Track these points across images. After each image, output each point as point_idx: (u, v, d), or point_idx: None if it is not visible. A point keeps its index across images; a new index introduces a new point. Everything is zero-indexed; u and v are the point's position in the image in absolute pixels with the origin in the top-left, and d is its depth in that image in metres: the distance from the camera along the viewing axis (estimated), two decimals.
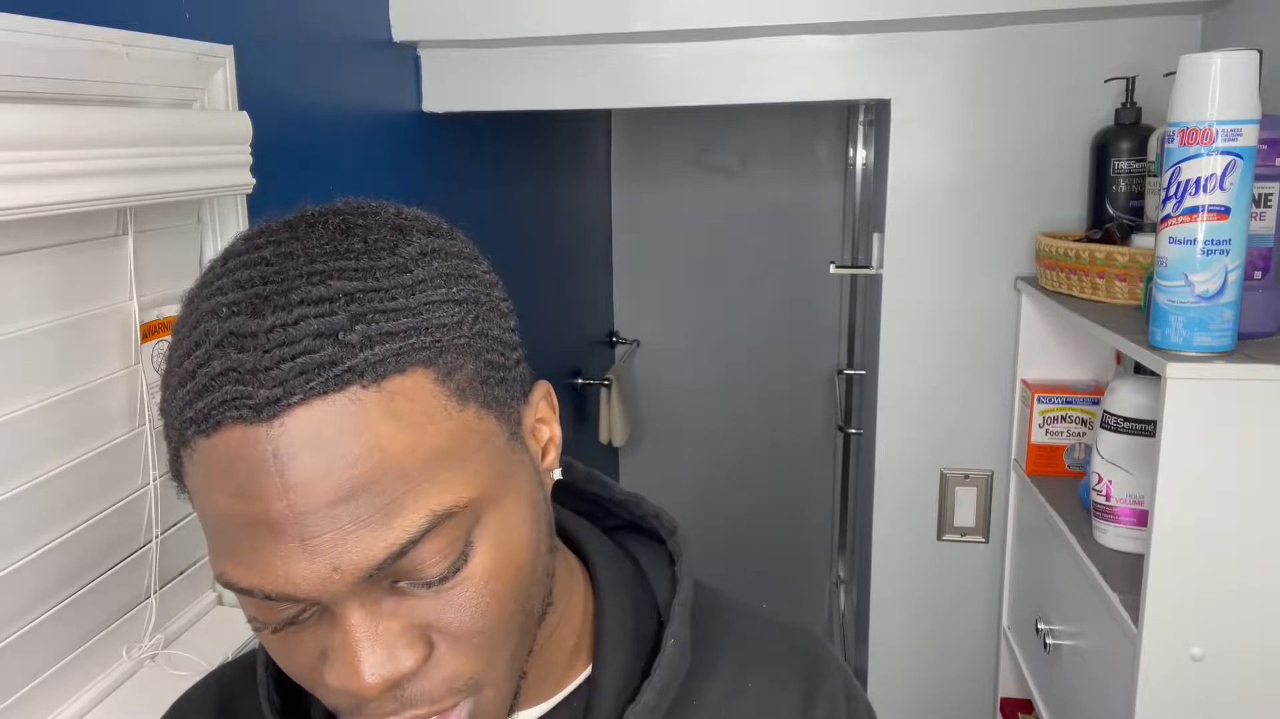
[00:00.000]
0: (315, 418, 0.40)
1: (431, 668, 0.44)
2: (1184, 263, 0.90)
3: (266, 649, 0.46)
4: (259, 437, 0.40)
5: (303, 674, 0.45)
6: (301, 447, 0.40)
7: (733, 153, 3.09)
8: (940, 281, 1.56)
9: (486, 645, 0.45)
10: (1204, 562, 0.94)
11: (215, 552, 0.43)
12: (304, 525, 0.40)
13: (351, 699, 0.44)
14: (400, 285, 0.43)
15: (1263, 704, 0.95)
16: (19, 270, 0.84)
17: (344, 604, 0.42)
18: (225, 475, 0.40)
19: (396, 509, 0.41)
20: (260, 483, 0.40)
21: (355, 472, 0.40)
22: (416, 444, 0.41)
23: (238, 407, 0.40)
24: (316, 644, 0.44)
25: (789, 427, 3.19)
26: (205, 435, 0.41)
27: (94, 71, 0.86)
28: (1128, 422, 1.11)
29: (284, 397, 0.40)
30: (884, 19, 1.40)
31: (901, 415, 1.61)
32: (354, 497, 0.40)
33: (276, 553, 0.40)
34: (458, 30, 1.50)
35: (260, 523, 0.40)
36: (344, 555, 0.40)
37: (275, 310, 0.41)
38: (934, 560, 1.65)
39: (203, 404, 0.41)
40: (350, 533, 0.40)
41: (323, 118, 1.31)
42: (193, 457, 0.42)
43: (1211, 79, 0.86)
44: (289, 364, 0.40)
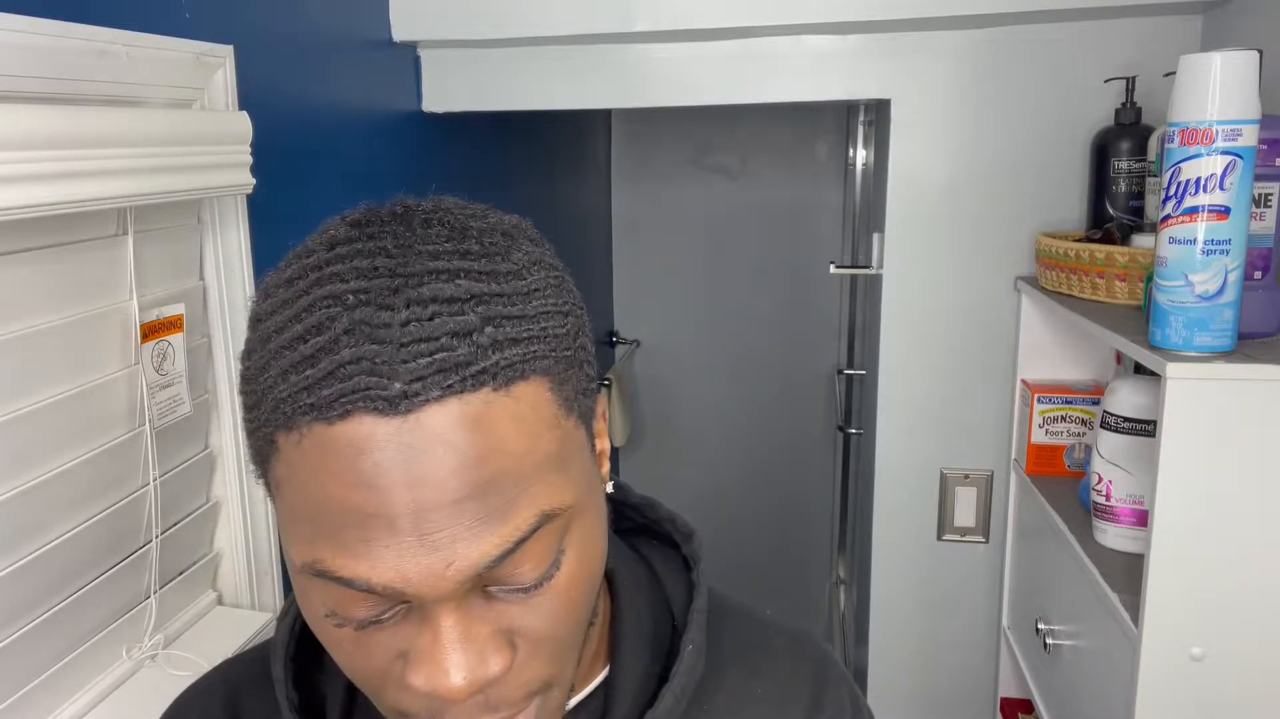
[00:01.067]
0: (449, 416, 0.40)
1: (513, 673, 0.44)
2: (1184, 263, 0.90)
3: (335, 649, 0.45)
4: (390, 429, 0.39)
5: (372, 676, 0.45)
6: (433, 443, 0.40)
7: (733, 153, 3.09)
8: (940, 281, 1.56)
9: (561, 650, 0.46)
10: (1204, 562, 0.94)
11: (310, 539, 0.42)
12: (425, 521, 0.40)
13: (434, 702, 0.43)
14: (518, 293, 0.43)
15: (1263, 704, 0.95)
16: (19, 270, 0.84)
17: (441, 605, 0.42)
18: (345, 464, 0.40)
19: (511, 509, 0.41)
20: (386, 475, 0.39)
21: (481, 472, 0.40)
22: (532, 448, 0.42)
23: (371, 398, 0.39)
24: (396, 645, 0.43)
25: (789, 427, 3.19)
26: (328, 422, 0.40)
27: (94, 71, 0.86)
28: (1128, 422, 1.11)
29: (421, 392, 0.39)
30: (884, 19, 1.40)
31: (901, 415, 1.61)
32: (476, 495, 0.40)
33: (390, 546, 0.40)
34: (458, 30, 1.50)
35: (379, 515, 0.40)
36: (459, 552, 0.40)
37: (409, 305, 0.41)
38: (934, 560, 1.65)
39: (329, 391, 0.40)
40: (468, 530, 0.40)
41: (323, 118, 1.31)
42: (301, 442, 0.41)
43: (1211, 79, 0.86)
44: (426, 360, 0.40)
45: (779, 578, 3.24)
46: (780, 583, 3.24)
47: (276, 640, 0.57)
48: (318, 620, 0.44)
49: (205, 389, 1.09)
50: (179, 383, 1.01)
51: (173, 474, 1.03)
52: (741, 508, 3.23)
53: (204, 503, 1.11)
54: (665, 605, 0.60)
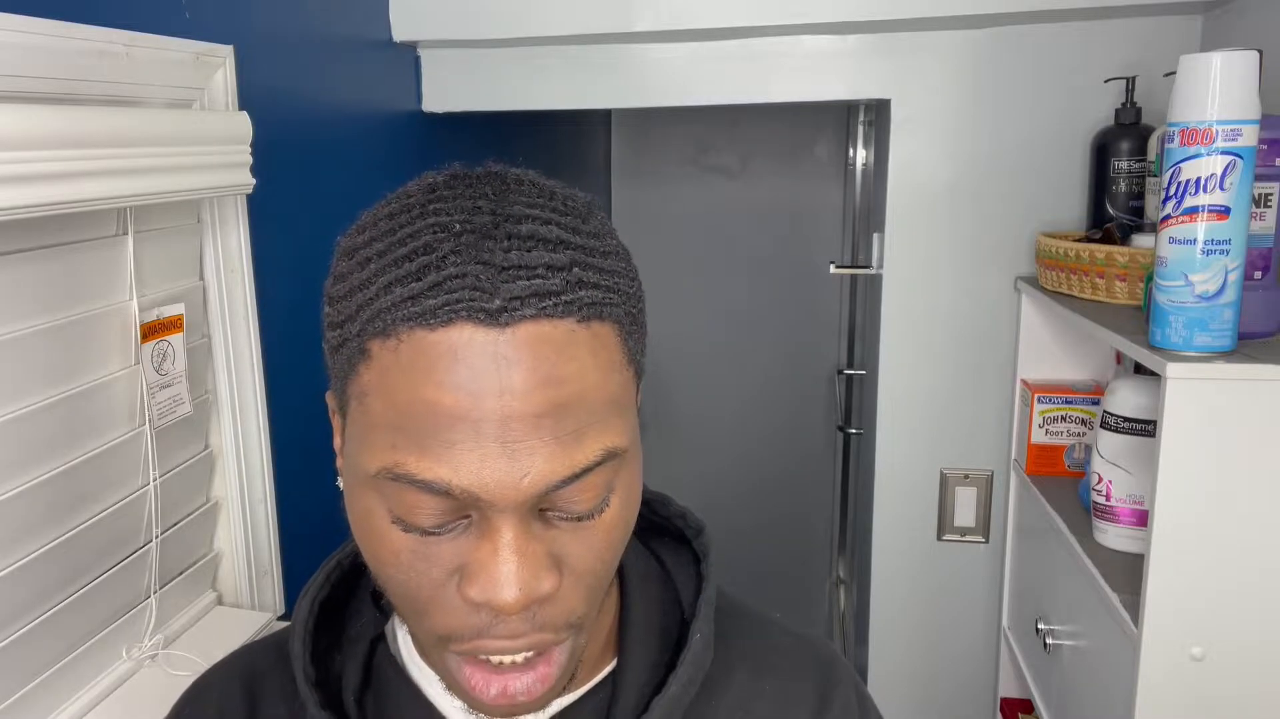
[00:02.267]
0: (541, 335, 0.43)
1: (558, 599, 0.46)
2: (1184, 263, 0.90)
3: (391, 563, 0.46)
4: (489, 338, 0.42)
5: (423, 590, 0.46)
6: (525, 356, 0.43)
7: (733, 153, 3.09)
8: (940, 281, 1.56)
9: (596, 589, 0.48)
10: (1204, 562, 0.94)
11: (392, 443, 0.44)
12: (509, 428, 0.42)
13: (486, 616, 0.45)
14: (599, 249, 0.47)
15: (1263, 704, 0.95)
16: (19, 270, 0.84)
17: (507, 517, 0.44)
18: (442, 369, 0.42)
19: (583, 436, 0.44)
20: (480, 380, 0.42)
21: (563, 391, 0.43)
22: (604, 384, 0.45)
23: (473, 308, 0.42)
24: (454, 557, 0.45)
25: (789, 427, 3.19)
26: (429, 328, 0.43)
27: (94, 71, 0.86)
28: (1128, 422, 1.11)
29: (520, 308, 0.43)
30: (884, 19, 1.40)
31: (901, 415, 1.61)
32: (556, 414, 0.43)
33: (474, 449, 0.42)
34: (458, 30, 1.50)
35: (467, 419, 0.42)
36: (536, 465, 0.43)
37: (510, 237, 0.44)
38: (934, 560, 1.65)
39: (434, 300, 0.43)
40: (545, 445, 0.43)
41: (323, 118, 1.31)
42: (399, 347, 0.43)
43: (1211, 79, 0.86)
44: (524, 283, 0.43)
45: (779, 578, 3.23)
46: (780, 583, 3.24)
47: (296, 617, 0.57)
48: (378, 533, 0.46)
49: (205, 389, 1.09)
50: (179, 383, 1.01)
51: (173, 474, 1.03)
52: (741, 508, 3.23)
53: (204, 503, 1.11)
54: (675, 599, 0.61)
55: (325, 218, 1.31)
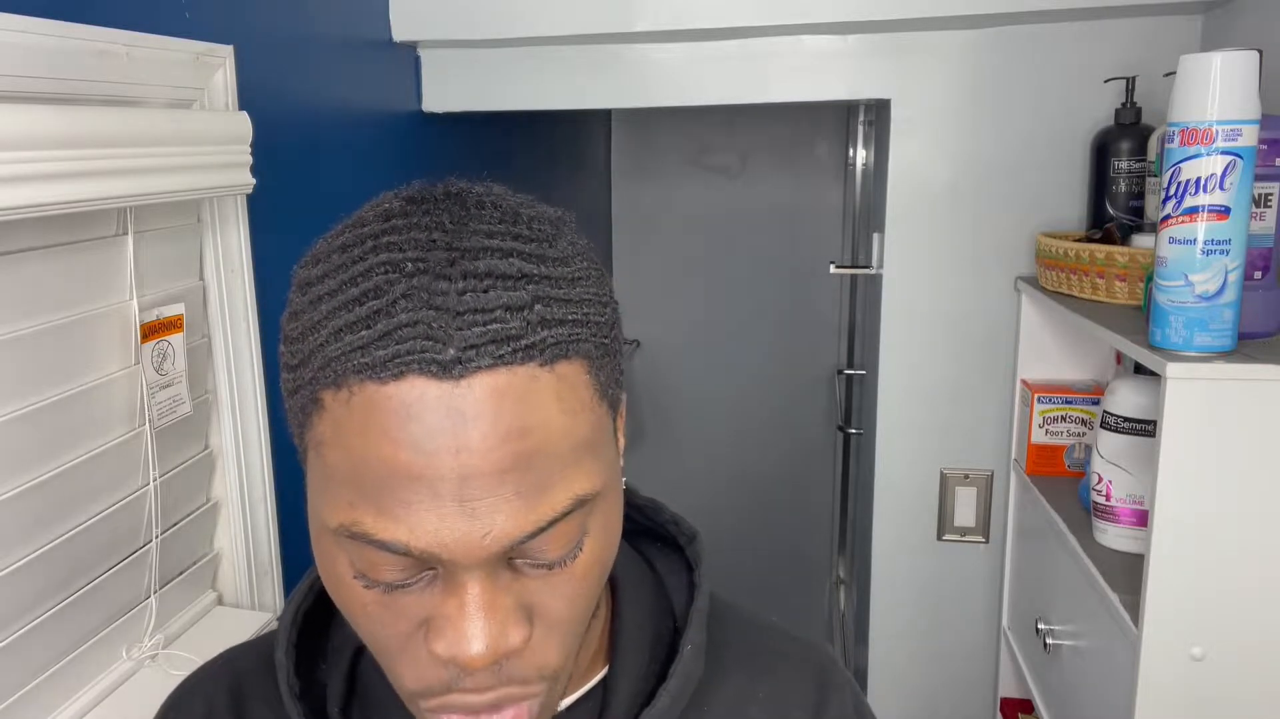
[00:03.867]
0: (498, 385, 0.41)
1: (528, 651, 0.45)
2: (1184, 263, 0.90)
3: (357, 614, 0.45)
4: (441, 392, 0.40)
5: (391, 642, 0.45)
6: (482, 410, 0.40)
7: (733, 153, 3.09)
8: (940, 281, 1.56)
9: (570, 636, 0.47)
10: (1204, 562, 0.94)
11: (350, 501, 0.42)
12: (468, 487, 0.41)
13: (452, 671, 0.44)
14: (564, 278, 0.45)
15: (1263, 704, 0.95)
16: (19, 270, 0.84)
17: (472, 572, 0.42)
18: (395, 426, 0.40)
19: (548, 487, 0.42)
20: (434, 439, 0.40)
21: (525, 444, 0.41)
22: (571, 429, 0.43)
23: (425, 360, 0.40)
24: (420, 612, 0.44)
25: (789, 427, 3.19)
26: (380, 381, 0.40)
27: (94, 71, 0.86)
28: (1128, 422, 1.11)
29: (475, 359, 0.40)
30: (884, 19, 1.40)
31: (901, 415, 1.61)
32: (518, 468, 0.41)
33: (431, 510, 0.41)
34: (458, 30, 1.50)
35: (422, 478, 0.40)
36: (498, 523, 0.41)
37: (465, 276, 0.42)
38: (934, 560, 1.65)
39: (384, 351, 0.40)
40: (507, 502, 0.41)
41: (323, 118, 1.31)
42: (350, 400, 0.41)
43: (1211, 79, 0.86)
44: (480, 329, 0.41)
45: (779, 578, 3.23)
46: (780, 583, 3.24)
47: (281, 626, 0.57)
48: (343, 584, 0.45)
49: (205, 389, 1.09)
50: (179, 383, 1.01)
51: (173, 474, 1.03)
52: (741, 508, 3.23)
53: (204, 503, 1.11)
54: (667, 607, 0.60)
55: (325, 218, 1.30)
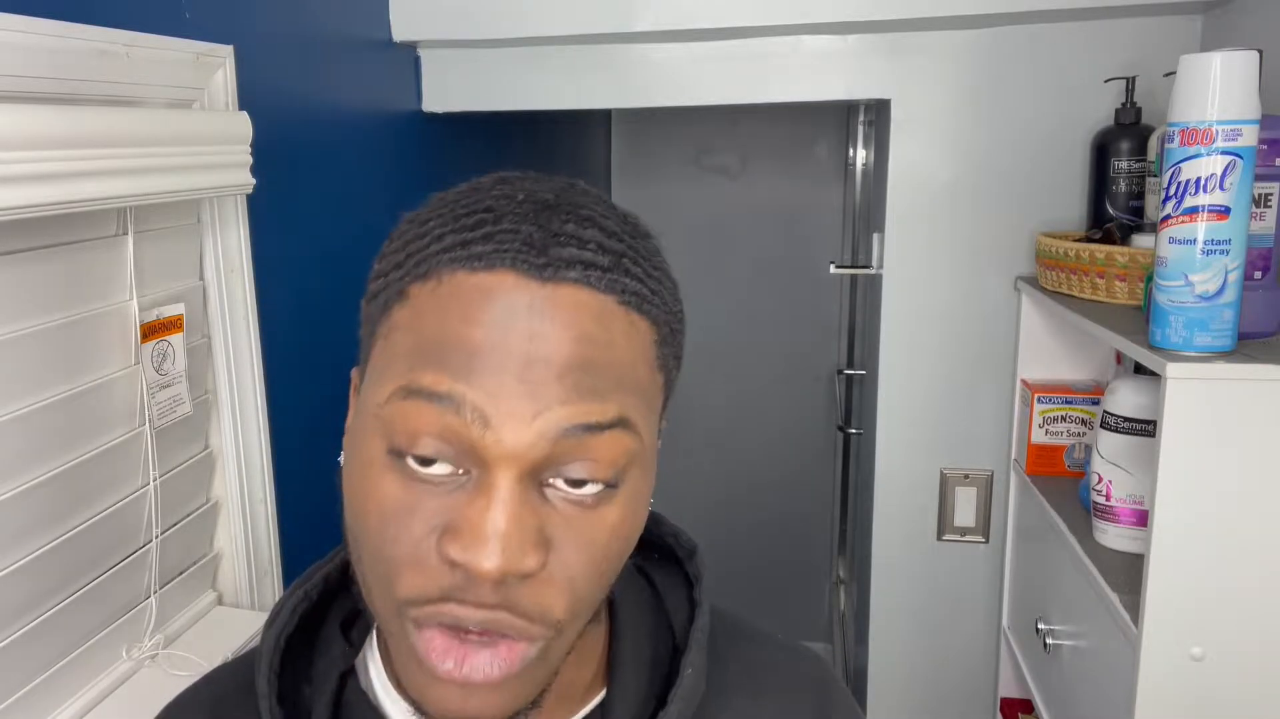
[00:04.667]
0: (578, 298, 0.44)
1: (535, 585, 0.44)
2: (1184, 263, 0.90)
3: (375, 510, 0.45)
4: (529, 287, 0.43)
5: (400, 546, 0.44)
6: (559, 311, 0.43)
7: (733, 153, 3.09)
8: (940, 281, 1.56)
9: (578, 596, 0.46)
10: (1204, 562, 0.94)
11: (409, 367, 0.44)
12: (532, 369, 0.43)
13: (456, 577, 0.43)
14: (649, 257, 0.49)
15: (1263, 704, 0.95)
16: (19, 270, 0.84)
17: (507, 473, 0.43)
18: (477, 306, 0.43)
19: (603, 395, 0.44)
20: (513, 321, 0.43)
21: (590, 351, 0.44)
22: (634, 364, 0.46)
23: (521, 261, 0.43)
24: (441, 513, 0.44)
25: (789, 427, 3.19)
26: (471, 269, 0.44)
27: (94, 71, 0.86)
28: (1128, 422, 1.11)
29: (564, 270, 0.44)
30: (884, 19, 1.40)
31: (901, 415, 1.61)
32: (579, 369, 0.43)
33: (493, 377, 0.42)
34: (458, 30, 1.50)
35: (493, 351, 0.43)
36: (549, 406, 0.43)
37: (570, 213, 0.46)
38: (934, 560, 1.65)
39: (485, 247, 0.44)
40: (564, 393, 0.43)
41: (323, 118, 1.31)
42: (438, 288, 0.44)
43: (1211, 79, 0.86)
44: (574, 250, 0.44)
45: (779, 578, 3.23)
46: (780, 583, 3.24)
47: (261, 651, 0.55)
48: (371, 475, 0.45)
49: (205, 389, 1.09)
50: (179, 383, 1.01)
51: (173, 474, 1.03)
52: (741, 508, 3.23)
53: (204, 503, 1.11)
54: (666, 623, 0.59)
55: (325, 218, 1.31)
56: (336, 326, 1.34)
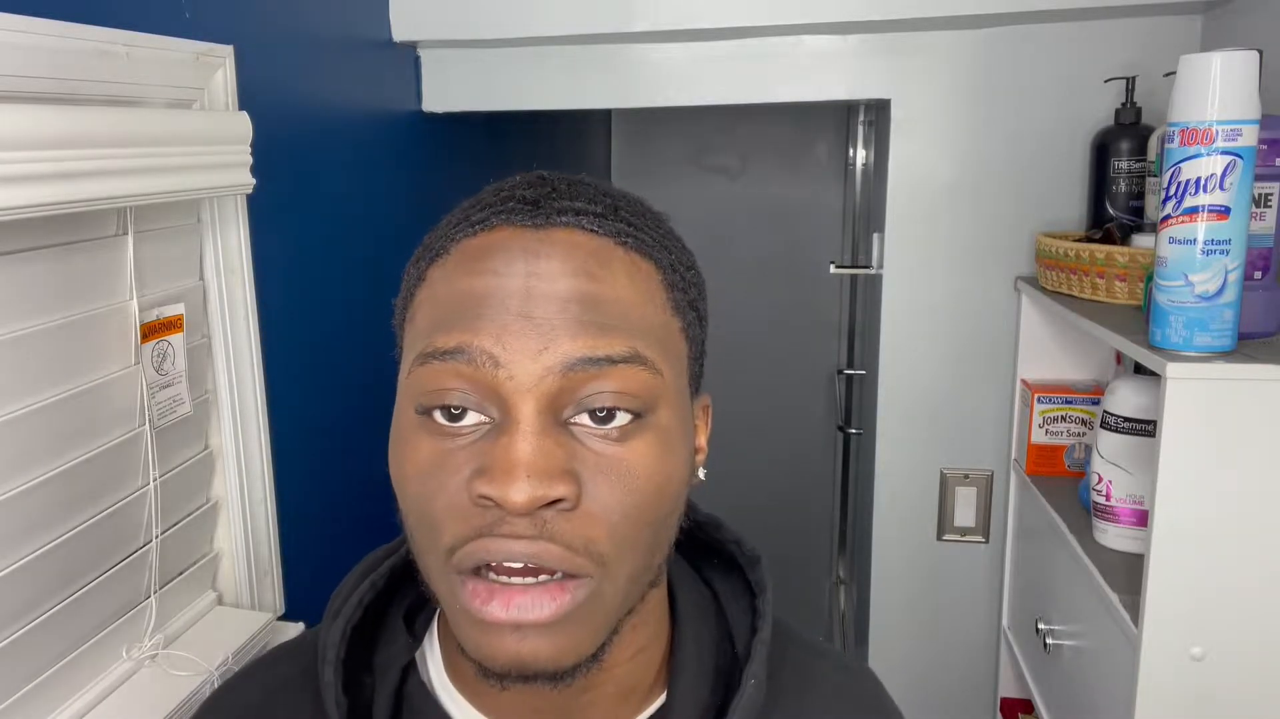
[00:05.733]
0: (575, 239, 0.47)
1: (574, 516, 0.44)
2: (1184, 263, 0.90)
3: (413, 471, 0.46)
4: (523, 235, 0.47)
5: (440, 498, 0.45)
6: (555, 251, 0.46)
7: (733, 153, 3.09)
8: (940, 281, 1.56)
9: (617, 536, 0.46)
10: (1204, 562, 0.94)
11: (426, 335, 0.47)
12: (534, 305, 0.45)
13: (492, 514, 0.44)
14: (654, 218, 0.52)
15: (1263, 704, 0.95)
16: (19, 270, 0.84)
17: (525, 405, 0.44)
18: (478, 260, 0.47)
19: (610, 329, 0.46)
20: (511, 264, 0.46)
21: (591, 286, 0.46)
22: (639, 302, 0.47)
23: (516, 215, 0.47)
24: (472, 460, 0.45)
25: (789, 427, 3.18)
26: (472, 235, 0.48)
27: (94, 71, 0.86)
28: (1128, 422, 1.11)
29: (557, 216, 0.47)
30: (884, 19, 1.40)
31: (901, 415, 1.61)
32: (582, 302, 0.45)
33: (497, 319, 0.45)
34: (458, 30, 1.50)
35: (496, 294, 0.45)
36: (557, 339, 0.44)
37: (563, 179, 0.50)
38: (934, 560, 1.65)
39: (480, 214, 0.48)
40: (568, 326, 0.45)
41: (323, 118, 1.31)
42: (447, 261, 0.48)
43: (1211, 79, 0.86)
44: (568, 203, 0.48)
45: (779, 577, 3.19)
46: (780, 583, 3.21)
47: (327, 641, 0.55)
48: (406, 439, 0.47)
49: (205, 389, 1.09)
50: (179, 383, 1.01)
51: (173, 474, 1.03)
52: (741, 507, 3.21)
53: (204, 503, 1.11)
54: (726, 633, 0.59)
55: (325, 218, 1.30)
56: (336, 326, 1.34)
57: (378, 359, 1.40)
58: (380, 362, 1.46)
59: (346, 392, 1.36)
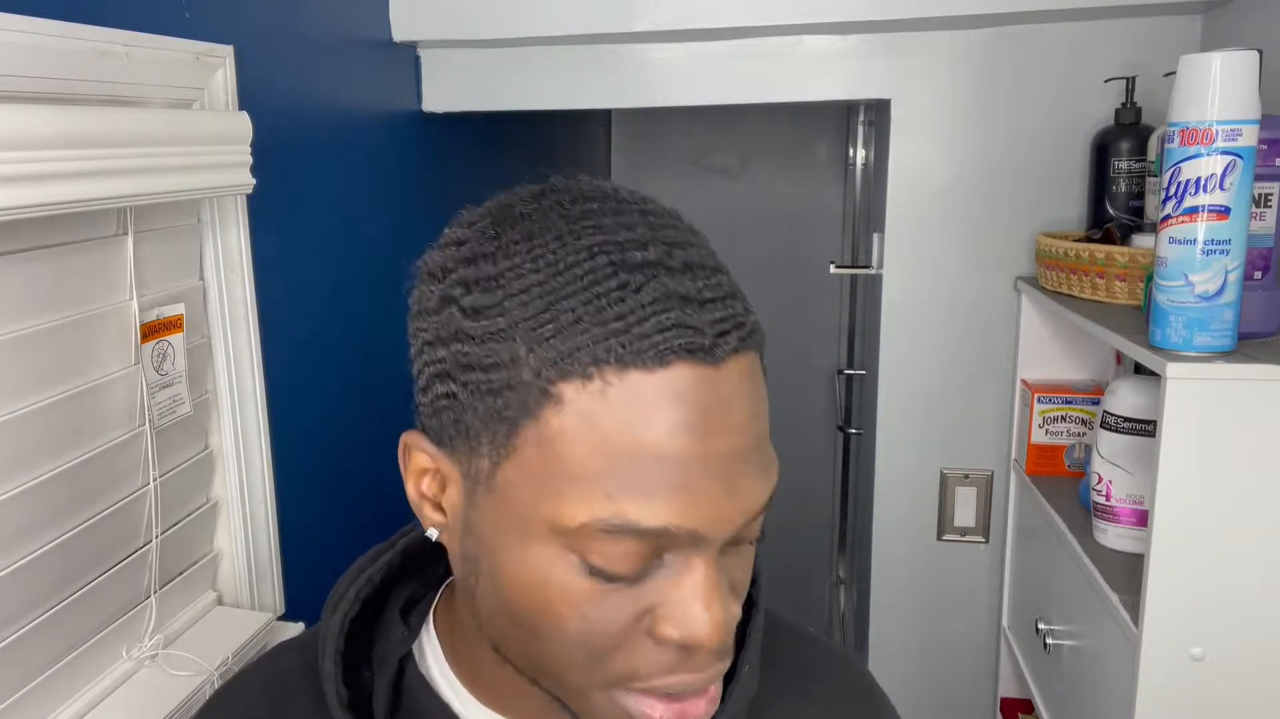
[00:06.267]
0: (743, 369, 0.44)
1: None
2: (1184, 263, 0.90)
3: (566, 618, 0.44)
4: (709, 377, 0.42)
5: (608, 636, 0.44)
6: (737, 392, 0.43)
7: (733, 153, 3.09)
8: (940, 281, 1.56)
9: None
10: (1204, 562, 0.94)
11: (606, 494, 0.41)
12: (733, 465, 0.43)
13: (676, 653, 0.44)
14: (726, 271, 0.47)
15: (1263, 704, 0.95)
16: (19, 270, 0.84)
17: (708, 553, 0.44)
18: (667, 410, 0.41)
19: (772, 462, 0.46)
20: (710, 420, 0.42)
21: (760, 424, 0.45)
22: (768, 411, 0.47)
23: (691, 347, 0.41)
24: (644, 600, 0.44)
25: (789, 427, 3.18)
26: (647, 369, 0.41)
27: (94, 71, 0.86)
28: (1128, 422, 1.11)
29: (726, 343, 0.43)
30: (884, 19, 1.40)
31: (901, 415, 1.61)
32: (758, 444, 0.44)
33: (702, 489, 0.42)
34: (458, 30, 1.50)
35: (697, 460, 0.42)
36: (752, 496, 0.44)
37: (689, 267, 0.43)
38: (934, 560, 1.65)
39: (648, 340, 0.41)
40: (753, 477, 0.44)
41: (323, 118, 1.31)
42: (605, 391, 0.41)
43: (1211, 79, 0.86)
44: (723, 315, 0.43)
45: (779, 577, 3.21)
46: (780, 582, 3.22)
47: (326, 634, 0.56)
48: (564, 586, 0.43)
49: (205, 389, 1.09)
50: (179, 383, 1.01)
51: (173, 474, 1.03)
52: None
53: (204, 503, 1.11)
54: None
55: (325, 218, 1.30)
56: (336, 326, 1.34)
57: (378, 359, 1.41)
58: (380, 362, 1.46)
59: (346, 392, 1.36)
